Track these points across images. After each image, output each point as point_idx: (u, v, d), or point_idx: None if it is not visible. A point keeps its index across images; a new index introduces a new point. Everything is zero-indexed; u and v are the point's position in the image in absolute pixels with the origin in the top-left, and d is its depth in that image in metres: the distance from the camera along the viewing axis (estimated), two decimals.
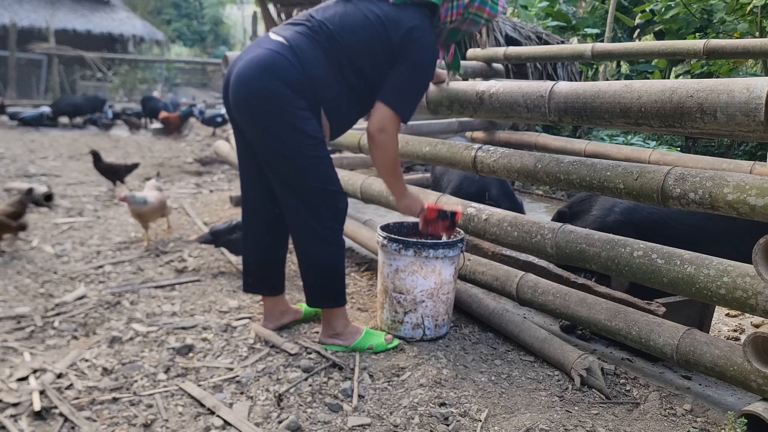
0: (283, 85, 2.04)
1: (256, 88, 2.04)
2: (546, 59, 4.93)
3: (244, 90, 2.06)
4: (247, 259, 2.47)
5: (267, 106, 2.05)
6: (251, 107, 2.07)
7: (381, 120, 2.16)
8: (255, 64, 2.05)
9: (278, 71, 2.03)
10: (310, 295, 2.33)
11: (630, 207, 2.68)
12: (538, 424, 1.83)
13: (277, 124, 2.06)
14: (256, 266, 2.45)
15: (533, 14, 9.41)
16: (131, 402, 1.94)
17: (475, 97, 2.47)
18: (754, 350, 1.76)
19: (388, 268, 2.39)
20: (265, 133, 2.09)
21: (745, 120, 1.64)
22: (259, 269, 2.44)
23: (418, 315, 2.36)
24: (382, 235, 2.40)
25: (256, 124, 2.09)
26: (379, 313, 2.49)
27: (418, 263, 2.32)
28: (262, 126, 2.08)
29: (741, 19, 6.24)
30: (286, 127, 2.06)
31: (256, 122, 2.09)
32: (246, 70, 2.06)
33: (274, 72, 2.03)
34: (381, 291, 2.46)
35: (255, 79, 2.04)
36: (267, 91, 2.03)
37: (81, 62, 15.89)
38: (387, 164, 2.26)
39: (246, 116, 2.11)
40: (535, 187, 5.65)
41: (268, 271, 2.45)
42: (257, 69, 2.04)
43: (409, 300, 2.36)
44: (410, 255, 2.31)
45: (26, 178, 5.57)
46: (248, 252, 2.46)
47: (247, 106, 2.08)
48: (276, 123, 2.06)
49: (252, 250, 2.44)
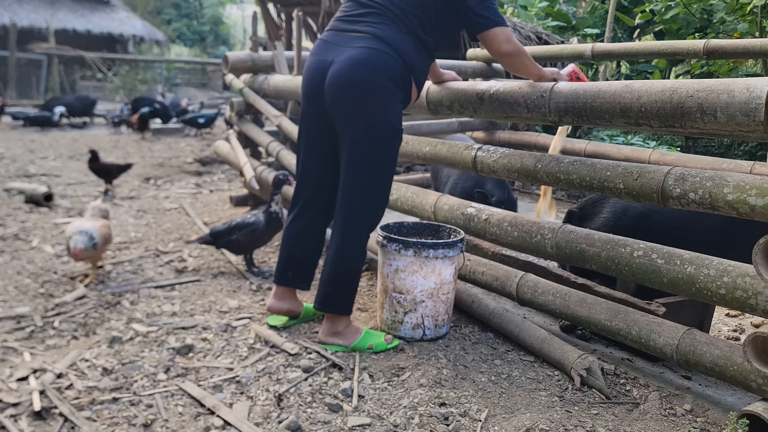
0: (390, 80, 2.18)
1: (366, 84, 2.15)
2: (546, 59, 4.92)
3: (351, 87, 2.16)
4: (291, 252, 2.46)
5: (374, 99, 2.17)
6: (356, 103, 2.17)
7: (501, 40, 2.23)
8: (362, 62, 2.14)
9: (386, 67, 2.16)
10: (323, 297, 2.32)
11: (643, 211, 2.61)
12: (538, 424, 1.83)
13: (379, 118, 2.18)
14: (301, 257, 2.46)
15: (533, 14, 9.40)
16: (131, 402, 1.94)
17: (475, 97, 2.47)
18: (754, 350, 1.76)
19: (388, 268, 2.39)
20: (366, 128, 2.18)
21: (745, 120, 1.64)
22: (302, 260, 2.46)
23: (418, 315, 2.36)
24: (382, 235, 2.40)
25: (361, 119, 2.18)
26: (379, 312, 2.49)
27: (418, 263, 2.32)
28: (366, 121, 2.18)
29: (741, 19, 6.23)
30: (385, 125, 2.20)
31: (360, 117, 2.18)
32: (354, 69, 2.14)
33: (381, 68, 2.16)
34: (381, 291, 2.46)
35: (365, 76, 2.15)
36: (376, 87, 2.16)
37: (81, 62, 15.89)
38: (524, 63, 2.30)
39: (348, 111, 2.18)
40: (535, 187, 5.65)
41: (310, 263, 2.48)
42: (367, 67, 2.15)
43: (409, 300, 2.36)
44: (410, 255, 2.31)
45: (26, 178, 5.57)
46: (295, 243, 2.45)
47: (352, 102, 2.17)
48: (378, 117, 2.18)
49: (300, 241, 2.45)
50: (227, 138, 4.81)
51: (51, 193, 4.65)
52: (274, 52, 4.55)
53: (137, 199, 4.99)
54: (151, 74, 16.99)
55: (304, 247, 2.46)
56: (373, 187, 2.25)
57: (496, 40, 2.23)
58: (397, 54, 2.18)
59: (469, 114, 2.59)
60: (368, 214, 2.28)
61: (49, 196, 4.63)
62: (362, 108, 2.17)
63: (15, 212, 4.33)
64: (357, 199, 2.24)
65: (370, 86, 2.16)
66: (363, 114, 2.17)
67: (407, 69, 2.22)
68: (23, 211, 4.37)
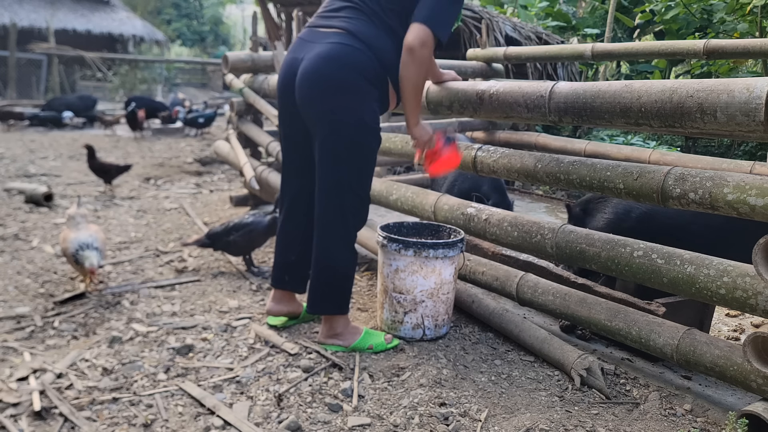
0: (362, 77, 2.10)
1: (335, 82, 2.08)
2: (546, 59, 4.93)
3: (320, 84, 2.08)
4: (284, 256, 2.44)
5: (346, 98, 2.09)
6: (326, 101, 2.10)
7: (419, 36, 2.07)
8: (330, 58, 2.07)
9: (355, 63, 2.08)
10: (316, 299, 2.30)
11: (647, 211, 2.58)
12: (538, 424, 1.83)
13: (351, 123, 2.11)
14: (296, 260, 2.44)
15: (533, 14, 9.40)
16: (131, 402, 1.94)
17: (475, 97, 2.47)
18: (754, 350, 1.76)
19: (388, 268, 2.39)
20: (335, 131, 2.12)
21: (745, 120, 1.64)
22: (297, 263, 2.44)
23: (418, 315, 2.36)
24: (382, 235, 2.40)
25: (331, 117, 2.11)
26: (379, 312, 2.49)
27: (418, 263, 2.32)
28: (337, 119, 2.10)
29: (741, 19, 6.23)
30: (360, 125, 2.13)
31: (330, 116, 2.11)
32: (321, 65, 2.08)
33: (351, 64, 2.08)
34: (381, 291, 2.46)
35: (334, 73, 2.07)
36: (346, 84, 2.08)
37: (81, 62, 15.89)
38: (419, 83, 2.18)
39: (318, 110, 2.12)
40: (535, 187, 5.65)
41: (304, 265, 2.44)
42: (335, 63, 2.07)
43: (409, 300, 2.36)
44: (410, 255, 2.31)
45: (26, 178, 5.57)
46: (287, 246, 2.44)
47: (321, 100, 2.10)
48: (351, 121, 2.11)
49: (292, 244, 2.43)
50: (227, 138, 4.81)
51: (51, 193, 4.65)
52: (274, 52, 4.55)
53: (137, 199, 4.99)
54: (151, 74, 17.00)
55: (296, 250, 2.44)
56: (352, 187, 2.19)
57: (418, 33, 2.06)
58: (369, 50, 2.10)
59: (469, 114, 2.59)
60: (350, 214, 2.22)
61: (49, 196, 4.63)
62: (333, 106, 2.09)
63: (15, 212, 4.33)
64: (337, 200, 2.19)
65: (340, 83, 2.08)
66: (334, 113, 2.10)
67: (381, 67, 2.14)
68: (23, 211, 4.37)
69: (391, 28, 2.15)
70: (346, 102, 2.10)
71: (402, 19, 2.14)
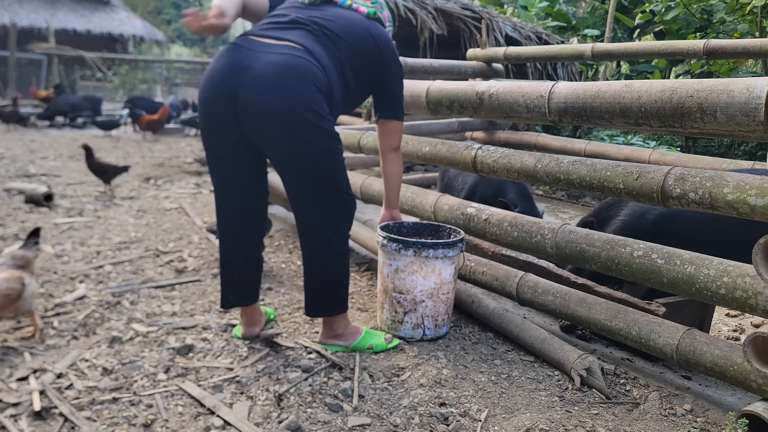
0: (317, 90, 1.99)
1: (295, 95, 1.95)
2: (546, 59, 4.93)
3: (280, 97, 1.95)
4: (230, 275, 2.31)
5: (305, 112, 1.97)
6: (285, 114, 1.96)
7: (400, 134, 2.42)
8: (287, 69, 1.95)
9: (312, 77, 1.98)
10: (314, 302, 2.25)
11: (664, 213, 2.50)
12: (538, 424, 1.83)
13: (313, 130, 2.00)
14: (241, 277, 2.32)
15: (533, 14, 9.41)
16: (131, 402, 1.94)
17: (475, 97, 2.47)
18: (754, 350, 1.76)
19: (388, 268, 2.39)
20: (299, 140, 2.00)
21: (745, 120, 1.64)
22: (244, 279, 2.32)
23: (418, 315, 2.36)
24: (382, 235, 2.40)
25: (290, 131, 1.98)
26: (379, 313, 2.49)
27: (418, 263, 2.32)
28: (297, 132, 1.98)
29: (741, 19, 6.24)
30: (320, 132, 2.02)
31: (289, 129, 1.98)
32: (277, 76, 1.94)
33: (308, 77, 1.97)
34: (381, 291, 2.46)
35: (293, 85, 1.95)
36: (305, 98, 1.96)
37: (81, 62, 15.90)
38: (401, 172, 2.52)
39: (275, 123, 1.98)
40: (535, 187, 5.65)
41: (254, 278, 2.35)
42: (293, 74, 1.95)
43: (409, 300, 2.36)
44: (410, 255, 2.31)
45: (26, 178, 5.58)
46: (233, 264, 2.30)
47: (280, 114, 1.96)
48: (312, 129, 1.99)
49: (237, 261, 2.30)
50: None
51: (51, 193, 4.65)
52: None
53: (137, 199, 4.99)
54: (151, 74, 17.00)
55: (244, 269, 2.32)
56: (337, 192, 2.13)
57: (395, 130, 2.40)
58: (324, 71, 2.03)
59: (469, 114, 2.59)
60: (333, 211, 2.15)
61: (49, 196, 4.63)
62: (294, 120, 1.96)
63: (15, 212, 4.33)
64: (324, 208, 2.13)
65: (298, 95, 1.95)
66: (296, 126, 1.97)
67: (329, 91, 2.06)
68: (23, 211, 4.37)
69: (341, 62, 2.13)
70: (306, 114, 1.97)
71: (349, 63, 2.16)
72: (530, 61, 5.27)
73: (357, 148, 3.51)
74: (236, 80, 1.97)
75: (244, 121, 2.00)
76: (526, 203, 3.40)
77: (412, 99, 2.81)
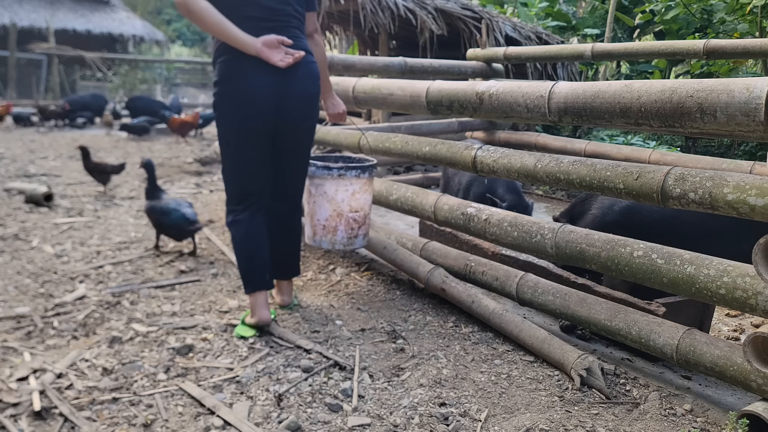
0: None
1: (318, 96, 2.54)
2: (546, 59, 4.93)
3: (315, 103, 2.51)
4: (262, 258, 2.48)
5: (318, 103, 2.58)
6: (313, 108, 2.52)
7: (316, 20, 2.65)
8: (316, 77, 2.48)
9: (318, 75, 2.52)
10: (293, 265, 2.67)
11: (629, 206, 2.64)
12: (538, 424, 1.83)
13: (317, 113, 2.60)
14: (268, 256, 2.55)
15: (533, 14, 9.41)
16: (131, 402, 1.94)
17: (475, 97, 2.47)
18: (754, 350, 1.76)
19: (343, 194, 2.74)
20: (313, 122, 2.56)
21: (745, 120, 1.64)
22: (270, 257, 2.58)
23: (366, 226, 2.85)
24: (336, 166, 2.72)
25: (313, 118, 2.55)
26: (330, 236, 2.80)
27: (368, 183, 2.77)
28: (315, 117, 2.56)
29: (741, 19, 6.24)
30: None
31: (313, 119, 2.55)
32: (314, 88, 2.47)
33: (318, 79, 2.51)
34: (333, 216, 2.77)
35: (318, 89, 2.52)
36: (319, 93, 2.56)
37: (81, 62, 15.88)
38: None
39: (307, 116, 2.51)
40: (535, 187, 5.65)
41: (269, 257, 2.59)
42: (317, 80, 2.50)
43: (362, 216, 2.81)
44: (366, 177, 2.77)
45: (26, 178, 5.58)
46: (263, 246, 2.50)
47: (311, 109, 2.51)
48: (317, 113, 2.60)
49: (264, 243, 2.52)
50: None
51: (51, 193, 4.65)
52: None
53: (137, 199, 4.99)
54: (151, 74, 17.00)
55: (266, 246, 2.53)
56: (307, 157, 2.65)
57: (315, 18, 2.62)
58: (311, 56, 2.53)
59: (469, 114, 2.59)
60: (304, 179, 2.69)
61: (49, 196, 4.63)
62: (316, 117, 2.56)
63: (15, 212, 4.33)
64: (303, 184, 2.67)
65: (318, 97, 2.55)
66: (315, 120, 2.57)
67: None
68: (23, 211, 4.37)
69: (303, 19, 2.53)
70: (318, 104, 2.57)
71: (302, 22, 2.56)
72: (530, 61, 5.28)
73: (357, 148, 3.51)
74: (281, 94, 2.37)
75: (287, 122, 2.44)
76: (513, 196, 3.58)
77: (412, 99, 2.81)
